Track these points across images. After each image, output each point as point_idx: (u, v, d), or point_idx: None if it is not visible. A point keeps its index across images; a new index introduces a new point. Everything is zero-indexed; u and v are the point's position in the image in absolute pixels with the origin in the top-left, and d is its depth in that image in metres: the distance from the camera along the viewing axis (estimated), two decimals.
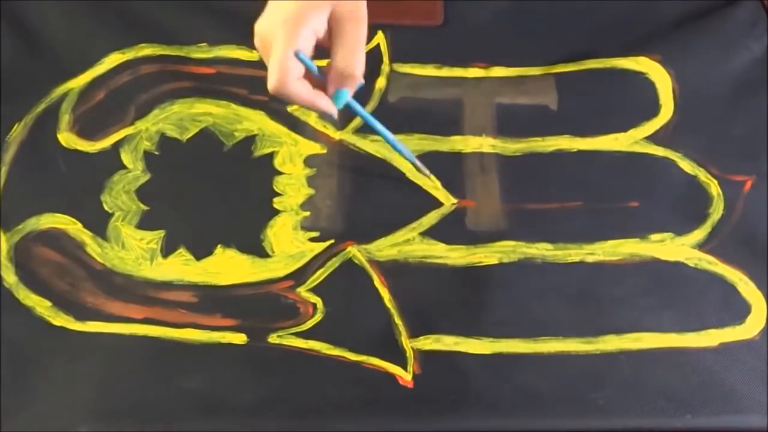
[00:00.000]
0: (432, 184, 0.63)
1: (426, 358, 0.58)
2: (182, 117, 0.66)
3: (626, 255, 0.62)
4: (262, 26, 0.53)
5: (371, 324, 0.60)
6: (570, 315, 0.60)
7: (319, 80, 0.53)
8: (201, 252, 0.62)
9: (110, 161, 0.65)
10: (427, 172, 0.63)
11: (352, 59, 0.52)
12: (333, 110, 0.54)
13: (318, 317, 0.60)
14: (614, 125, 0.67)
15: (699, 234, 0.63)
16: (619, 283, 0.61)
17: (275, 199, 0.64)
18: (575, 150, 0.66)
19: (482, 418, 0.56)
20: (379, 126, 0.59)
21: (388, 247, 0.62)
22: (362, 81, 0.53)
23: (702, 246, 0.63)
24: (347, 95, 0.54)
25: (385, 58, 0.69)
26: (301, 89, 0.52)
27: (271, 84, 0.51)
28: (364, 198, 0.64)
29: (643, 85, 0.68)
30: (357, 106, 0.56)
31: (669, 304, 0.61)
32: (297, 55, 0.51)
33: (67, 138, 0.65)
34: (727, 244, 0.63)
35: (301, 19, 0.51)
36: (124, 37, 0.68)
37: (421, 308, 0.60)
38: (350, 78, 0.52)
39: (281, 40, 0.51)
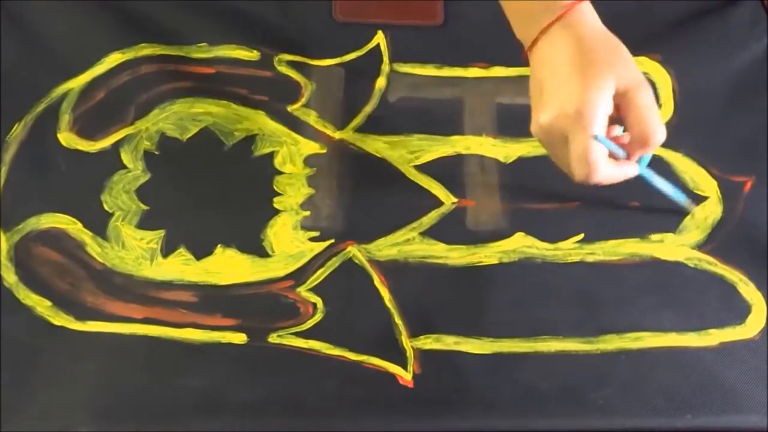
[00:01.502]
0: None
1: (426, 357, 0.58)
2: (182, 117, 0.66)
3: (626, 255, 0.62)
4: (547, 118, 0.52)
5: (371, 324, 0.60)
6: (570, 315, 0.60)
7: (617, 156, 0.54)
8: (201, 252, 0.62)
9: (110, 161, 0.65)
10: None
11: (650, 127, 0.52)
12: (636, 172, 0.55)
13: (318, 317, 0.60)
14: None
15: (699, 234, 0.63)
16: (619, 283, 0.61)
17: (275, 199, 0.64)
18: None
19: (482, 418, 0.56)
20: (672, 191, 0.61)
21: (388, 247, 0.62)
22: (663, 138, 0.53)
23: (702, 246, 0.63)
24: (648, 159, 0.56)
25: (385, 58, 0.69)
26: (609, 171, 0.52)
27: (581, 176, 0.52)
28: (364, 198, 0.64)
29: None
30: (649, 174, 0.58)
31: (669, 304, 0.61)
32: (597, 138, 0.50)
33: (67, 138, 0.65)
34: (727, 244, 0.63)
35: (593, 106, 0.50)
36: (124, 37, 0.68)
37: (421, 308, 0.60)
38: (651, 145, 0.52)
39: (580, 132, 0.50)
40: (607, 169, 0.52)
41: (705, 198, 0.64)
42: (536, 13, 0.53)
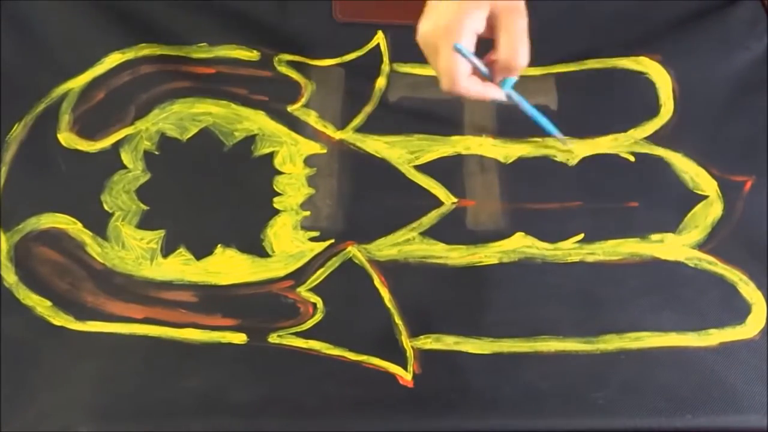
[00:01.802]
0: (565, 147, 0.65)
1: (426, 357, 0.58)
2: (182, 117, 0.66)
3: (626, 255, 0.62)
4: (425, 29, 0.55)
5: (371, 324, 0.60)
6: (570, 315, 0.60)
7: (481, 73, 0.56)
8: (201, 252, 0.62)
9: (110, 161, 0.65)
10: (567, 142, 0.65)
11: (515, 51, 0.54)
12: (502, 96, 0.57)
13: (318, 317, 0.60)
14: (614, 125, 0.67)
15: (699, 234, 0.63)
16: (619, 283, 0.61)
17: (275, 199, 0.64)
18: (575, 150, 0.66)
19: (482, 418, 0.56)
20: (537, 116, 0.62)
21: (388, 247, 0.62)
22: (525, 62, 0.55)
23: (702, 246, 0.63)
24: (512, 82, 0.57)
25: (385, 58, 0.69)
26: (471, 85, 0.56)
27: (444, 86, 0.55)
28: (364, 198, 0.64)
29: (643, 85, 0.68)
30: (517, 96, 0.59)
31: (669, 304, 0.61)
32: (458, 49, 0.53)
33: (67, 138, 0.65)
34: (727, 244, 0.63)
35: (462, 20, 0.53)
36: (124, 37, 0.68)
37: (421, 308, 0.60)
38: (514, 68, 0.55)
39: (447, 45, 0.54)
40: (470, 82, 0.55)
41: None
42: None
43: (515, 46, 0.54)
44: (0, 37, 0.67)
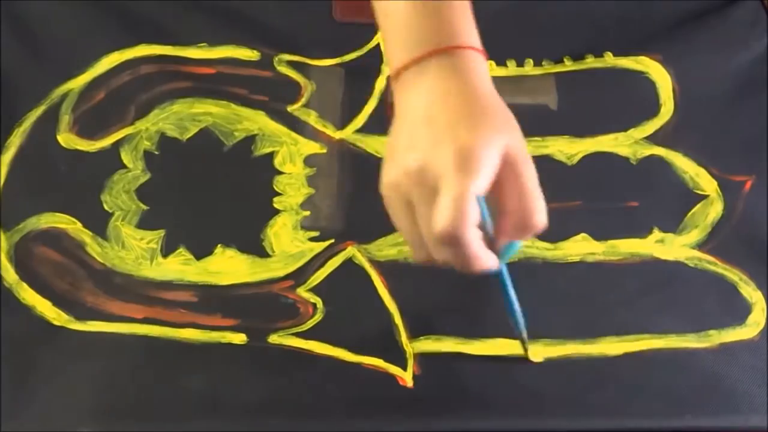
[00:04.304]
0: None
1: (426, 358, 0.58)
2: (182, 117, 0.66)
3: (626, 255, 0.62)
4: (419, 156, 0.43)
5: (371, 324, 0.60)
6: (570, 315, 0.60)
7: (486, 232, 0.46)
8: (201, 252, 0.62)
9: (110, 161, 0.65)
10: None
11: (532, 205, 0.44)
12: (495, 265, 0.47)
13: (318, 317, 0.60)
14: (614, 125, 0.67)
15: (699, 234, 0.63)
16: (619, 284, 0.61)
17: (275, 199, 0.64)
18: (575, 150, 0.66)
19: (482, 419, 0.56)
20: (515, 310, 0.54)
21: (388, 247, 0.62)
22: (544, 224, 0.45)
23: (702, 246, 0.63)
24: (516, 249, 0.47)
25: (385, 58, 0.69)
26: (475, 237, 0.44)
27: (444, 224, 0.42)
28: (364, 198, 0.64)
29: (643, 84, 0.68)
30: (507, 275, 0.50)
31: (669, 304, 0.61)
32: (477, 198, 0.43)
33: (66, 138, 0.65)
34: (727, 244, 0.63)
35: (481, 154, 0.42)
36: (124, 37, 0.68)
37: (421, 309, 0.60)
38: (529, 228, 0.45)
39: (460, 176, 0.42)
40: (474, 233, 0.44)
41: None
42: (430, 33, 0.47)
43: (532, 201, 0.45)
44: (0, 37, 0.67)
